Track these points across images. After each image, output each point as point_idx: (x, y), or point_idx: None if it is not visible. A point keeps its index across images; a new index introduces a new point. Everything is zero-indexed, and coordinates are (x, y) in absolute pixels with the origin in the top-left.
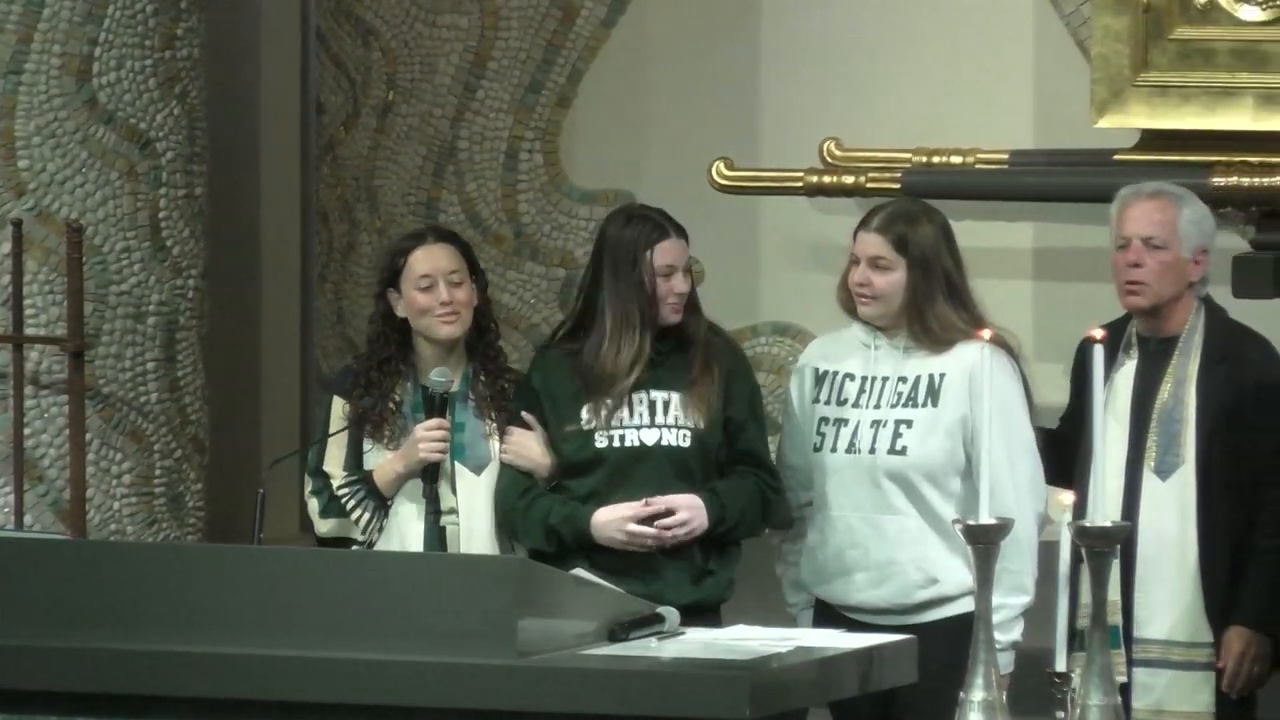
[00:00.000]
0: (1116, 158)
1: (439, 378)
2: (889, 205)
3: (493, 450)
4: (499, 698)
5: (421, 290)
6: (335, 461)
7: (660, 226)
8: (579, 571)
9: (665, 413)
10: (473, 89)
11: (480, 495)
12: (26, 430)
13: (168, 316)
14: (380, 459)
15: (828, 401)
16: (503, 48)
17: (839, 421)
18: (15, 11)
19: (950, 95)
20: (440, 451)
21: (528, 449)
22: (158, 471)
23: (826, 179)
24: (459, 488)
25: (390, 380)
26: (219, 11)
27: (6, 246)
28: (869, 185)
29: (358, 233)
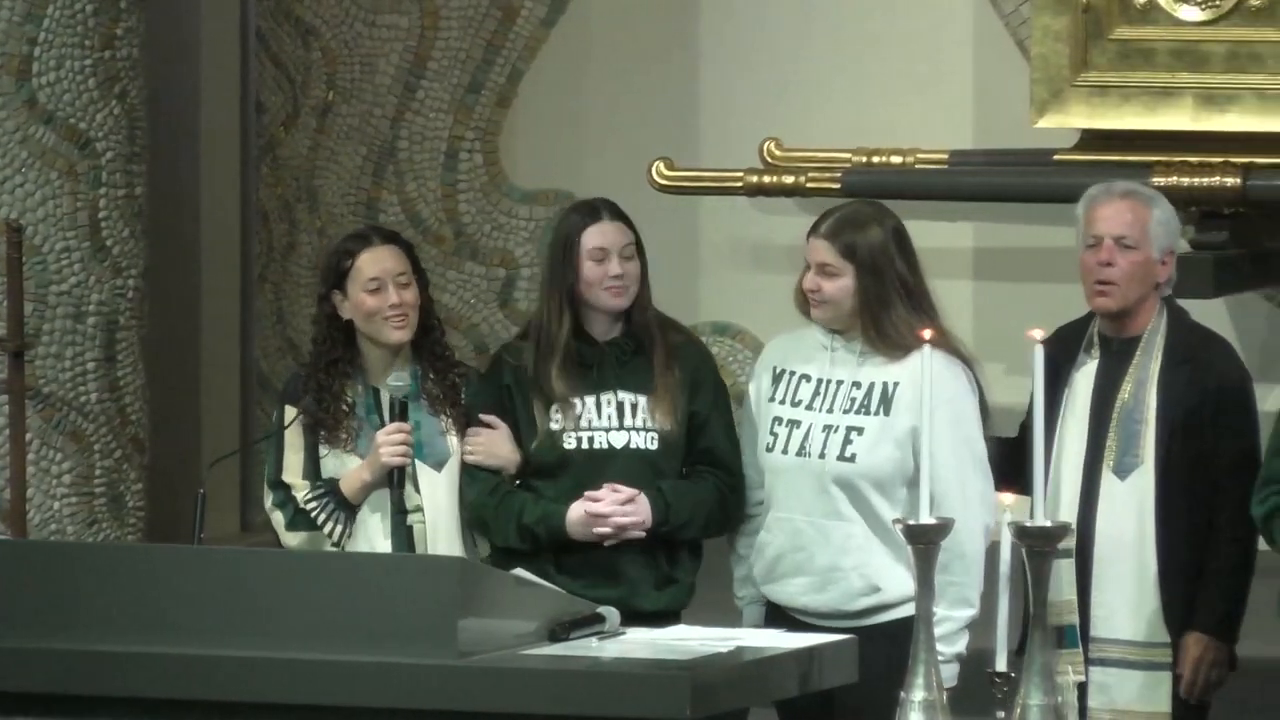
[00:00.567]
0: (1056, 158)
1: (396, 382)
2: (839, 209)
3: (451, 446)
4: (439, 698)
5: (370, 293)
6: (294, 471)
7: (595, 210)
8: (519, 572)
9: (634, 415)
10: (413, 89)
11: (442, 491)
12: None
13: (108, 316)
14: (338, 464)
15: (783, 401)
16: (443, 48)
17: (792, 423)
18: None
19: (890, 95)
20: (404, 455)
21: (496, 447)
22: (98, 471)
23: (766, 179)
24: (421, 485)
25: (340, 382)
26: (159, 11)
27: None
28: (809, 185)
29: (298, 233)
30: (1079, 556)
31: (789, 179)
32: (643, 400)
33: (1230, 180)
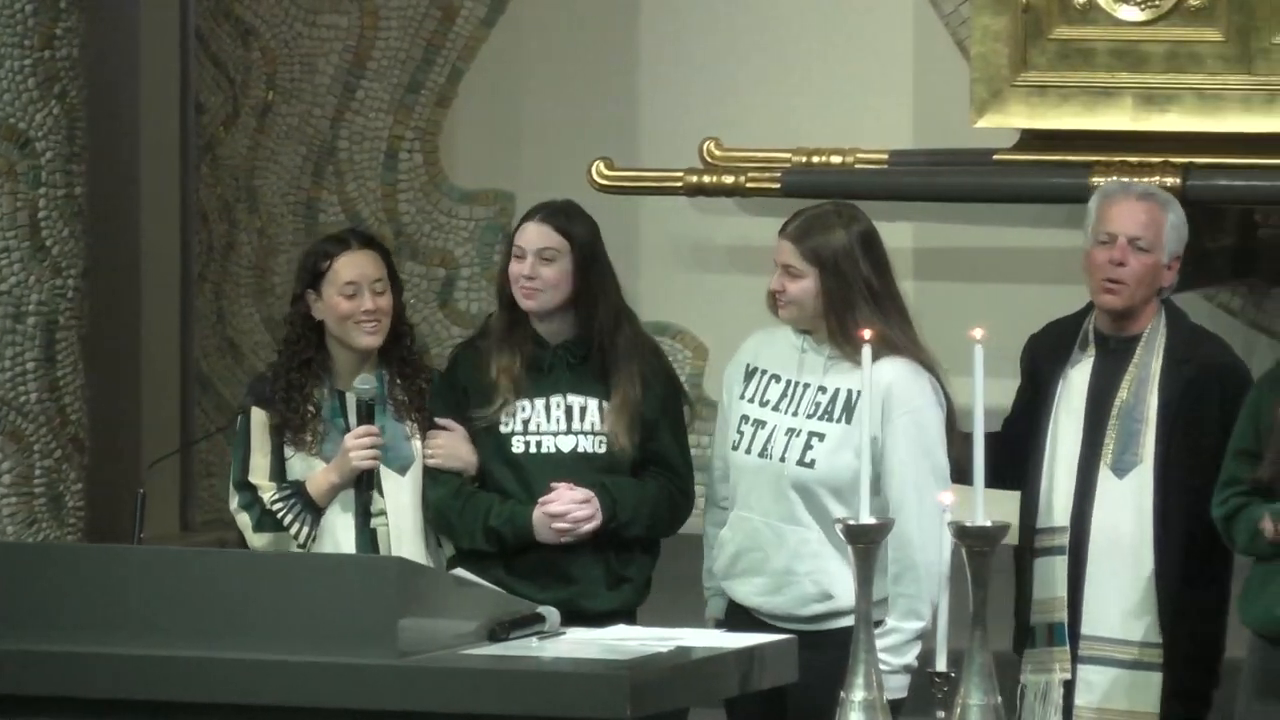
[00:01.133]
0: (996, 158)
1: (363, 385)
2: (808, 210)
3: (415, 450)
4: (380, 698)
5: (346, 297)
6: (261, 473)
7: (533, 211)
8: (459, 572)
9: (582, 419)
10: (352, 89)
11: (406, 495)
12: None
13: (47, 316)
14: (304, 465)
15: (752, 400)
16: (382, 47)
17: (757, 423)
18: None
19: (830, 95)
20: (373, 459)
21: (456, 448)
22: (37, 471)
23: (706, 179)
24: (385, 489)
25: (310, 383)
26: (98, 11)
27: None
28: (749, 185)
29: (237, 232)
30: (1071, 554)
31: (729, 179)
32: (592, 404)
33: (1170, 180)
